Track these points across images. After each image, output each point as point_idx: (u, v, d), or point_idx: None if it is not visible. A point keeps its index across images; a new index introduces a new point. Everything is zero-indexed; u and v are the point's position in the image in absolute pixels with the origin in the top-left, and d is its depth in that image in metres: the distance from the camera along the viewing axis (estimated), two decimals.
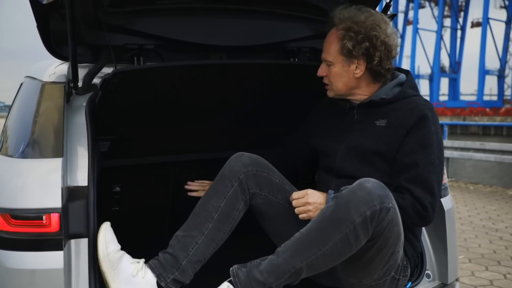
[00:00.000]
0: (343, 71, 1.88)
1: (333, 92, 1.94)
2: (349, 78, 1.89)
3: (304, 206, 1.81)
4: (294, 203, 1.84)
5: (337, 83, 1.91)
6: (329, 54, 1.89)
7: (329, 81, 1.93)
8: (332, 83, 1.92)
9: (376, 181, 1.61)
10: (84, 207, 1.66)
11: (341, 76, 1.89)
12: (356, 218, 1.54)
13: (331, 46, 1.88)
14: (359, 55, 1.83)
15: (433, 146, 1.79)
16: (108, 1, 1.92)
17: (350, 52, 1.83)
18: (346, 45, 1.83)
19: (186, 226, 1.85)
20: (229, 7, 2.14)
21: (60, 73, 1.96)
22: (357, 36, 1.81)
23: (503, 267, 4.24)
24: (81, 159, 1.74)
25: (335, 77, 1.90)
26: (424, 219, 1.76)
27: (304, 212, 1.81)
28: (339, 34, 1.85)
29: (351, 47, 1.82)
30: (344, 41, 1.83)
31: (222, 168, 1.93)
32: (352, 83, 1.90)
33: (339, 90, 1.92)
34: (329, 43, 1.89)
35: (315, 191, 1.84)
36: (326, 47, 1.90)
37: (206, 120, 2.28)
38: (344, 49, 1.84)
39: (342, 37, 1.84)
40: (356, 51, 1.82)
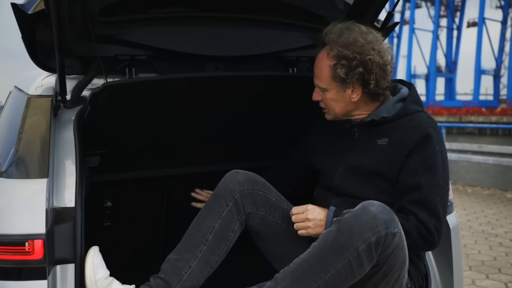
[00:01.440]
0: (338, 96, 1.78)
1: (331, 115, 1.86)
2: (346, 103, 1.79)
3: (303, 222, 1.73)
4: (293, 218, 1.76)
5: (334, 108, 1.82)
6: (322, 80, 1.78)
7: (325, 105, 1.84)
8: (328, 108, 1.83)
9: (381, 204, 1.53)
10: (71, 230, 1.57)
11: (337, 101, 1.80)
12: (360, 244, 1.46)
13: (323, 72, 1.77)
14: (353, 81, 1.73)
15: (438, 167, 1.71)
16: (98, 11, 1.83)
17: (343, 80, 1.73)
18: (338, 73, 1.72)
19: (179, 249, 1.77)
20: (225, 16, 2.06)
21: (47, 85, 1.87)
22: (350, 63, 1.70)
23: (504, 275, 4.19)
24: (68, 178, 1.66)
25: (331, 103, 1.81)
26: (429, 244, 1.68)
27: (303, 228, 1.73)
28: (330, 61, 1.73)
29: (344, 75, 1.71)
30: (336, 69, 1.72)
31: (216, 186, 1.84)
32: (350, 107, 1.81)
33: (337, 114, 1.84)
34: (320, 69, 1.77)
35: (316, 207, 1.76)
36: (317, 72, 1.79)
37: (201, 132, 2.20)
38: (337, 77, 1.73)
39: (334, 65, 1.72)
40: (350, 78, 1.72)
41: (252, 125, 2.27)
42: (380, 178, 1.76)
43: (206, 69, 2.10)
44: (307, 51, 2.23)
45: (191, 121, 2.10)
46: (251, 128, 2.28)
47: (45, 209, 1.51)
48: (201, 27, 2.04)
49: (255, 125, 2.28)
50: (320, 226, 1.70)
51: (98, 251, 1.65)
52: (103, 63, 1.87)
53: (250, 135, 2.33)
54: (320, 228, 1.70)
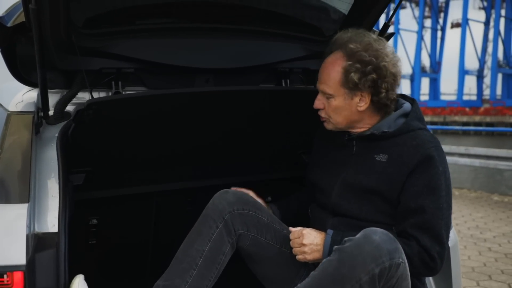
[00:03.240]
0: (345, 104, 1.70)
1: (332, 125, 1.77)
2: (351, 112, 1.72)
3: (300, 247, 1.66)
4: (291, 243, 1.69)
5: (337, 117, 1.73)
6: (330, 86, 1.70)
7: (327, 114, 1.75)
8: (331, 117, 1.74)
9: (385, 232, 1.46)
10: (54, 258, 1.48)
11: (342, 110, 1.71)
12: (363, 276, 1.40)
13: (332, 77, 1.69)
14: (364, 88, 1.66)
15: (441, 189, 1.63)
16: (82, 22, 1.74)
17: (355, 85, 1.66)
18: (351, 78, 1.64)
19: (168, 274, 1.69)
20: (215, 27, 1.98)
21: (29, 100, 1.78)
22: (364, 68, 1.64)
23: (494, 281, 4.17)
24: (51, 201, 1.57)
25: (335, 111, 1.72)
26: (431, 270, 1.62)
27: (300, 253, 1.66)
28: (344, 64, 1.66)
29: (357, 80, 1.64)
30: (350, 73, 1.65)
31: (205, 207, 1.77)
32: (354, 117, 1.73)
33: (339, 124, 1.75)
34: (329, 73, 1.70)
35: (312, 231, 1.68)
36: (325, 77, 1.71)
37: (190, 148, 2.12)
38: (349, 82, 1.66)
39: (348, 69, 1.65)
40: (362, 84, 1.65)
41: (242, 140, 2.20)
42: (378, 197, 1.68)
43: (196, 82, 2.02)
44: (300, 62, 2.16)
45: (179, 136, 2.03)
46: (241, 143, 2.22)
47: (26, 236, 1.42)
48: (191, 38, 1.96)
49: (245, 139, 2.21)
50: (317, 251, 1.63)
51: (83, 280, 1.55)
52: (88, 76, 1.78)
53: (240, 150, 2.26)
54: (317, 253, 1.63)
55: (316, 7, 2.18)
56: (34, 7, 1.41)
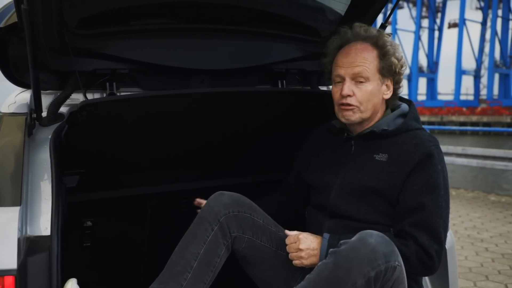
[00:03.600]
0: (377, 91, 1.72)
1: (358, 114, 1.72)
2: (379, 99, 1.74)
3: (296, 252, 1.64)
4: (287, 248, 1.67)
5: (368, 104, 1.71)
6: (368, 69, 1.69)
7: (358, 101, 1.70)
8: (362, 104, 1.70)
9: (380, 234, 1.45)
10: (47, 261, 1.46)
11: (374, 96, 1.71)
12: (359, 279, 1.38)
13: (369, 61, 1.70)
14: (392, 74, 1.73)
15: (440, 188, 1.63)
16: (76, 23, 1.72)
17: (389, 70, 1.72)
18: (388, 62, 1.71)
19: (162, 277, 1.67)
20: (211, 28, 1.96)
21: (21, 102, 1.77)
22: (392, 55, 1.72)
23: (491, 282, 4.17)
24: (44, 203, 1.55)
25: (368, 97, 1.70)
26: (428, 269, 1.61)
27: (297, 259, 1.65)
28: (377, 51, 1.71)
29: (391, 64, 1.71)
30: (386, 57, 1.71)
31: (200, 209, 1.75)
32: (379, 106, 1.75)
33: (366, 112, 1.72)
34: (365, 57, 1.70)
35: (308, 235, 1.67)
36: (361, 60, 1.69)
37: (185, 149, 2.10)
38: (385, 67, 1.71)
39: (384, 54, 1.71)
40: (393, 69, 1.72)
41: (237, 141, 2.19)
42: (379, 197, 1.67)
43: (191, 83, 2.00)
44: (296, 63, 2.15)
45: (173, 138, 2.01)
46: (236, 145, 2.20)
47: (17, 239, 1.40)
48: (186, 39, 1.94)
49: (240, 141, 2.19)
50: (314, 256, 1.61)
51: (76, 284, 1.53)
52: (82, 77, 1.76)
53: (235, 152, 2.24)
54: (314, 257, 1.61)
55: (313, 7, 2.16)
56: (26, 7, 1.39)
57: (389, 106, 1.79)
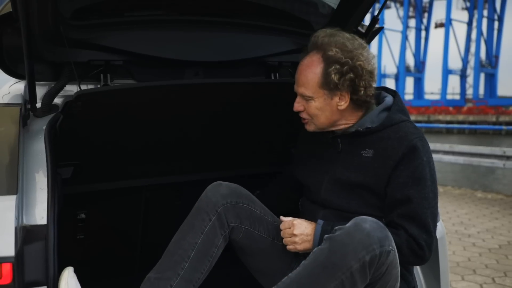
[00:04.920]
0: (325, 105, 1.69)
1: (314, 126, 1.75)
2: (332, 111, 1.70)
3: (290, 237, 1.66)
4: (281, 234, 1.69)
5: (319, 118, 1.71)
6: (308, 88, 1.67)
7: (309, 115, 1.73)
8: (313, 118, 1.72)
9: (375, 220, 1.47)
10: (43, 250, 1.46)
11: (323, 110, 1.70)
12: (354, 264, 1.40)
13: (311, 79, 1.67)
14: (343, 88, 1.65)
15: (426, 179, 1.64)
16: (70, 14, 1.72)
17: (335, 86, 1.64)
18: (332, 79, 1.63)
19: (160, 267, 1.68)
20: (205, 20, 1.97)
21: (16, 92, 1.76)
22: (342, 68, 1.63)
23: (479, 276, 4.23)
24: (39, 193, 1.55)
25: (316, 112, 1.70)
26: (420, 258, 1.63)
27: (291, 243, 1.66)
28: (322, 66, 1.65)
29: (337, 80, 1.63)
30: (330, 75, 1.63)
31: (198, 200, 1.75)
32: (336, 116, 1.72)
33: (321, 124, 1.74)
34: (307, 76, 1.67)
35: (302, 221, 1.69)
36: (303, 80, 1.68)
37: (180, 141, 2.11)
38: (330, 83, 1.64)
39: (326, 70, 1.64)
40: (341, 84, 1.64)
41: (231, 134, 2.20)
42: (367, 191, 1.69)
43: (186, 75, 2.01)
44: (289, 56, 2.16)
45: (168, 129, 2.01)
46: (230, 137, 2.21)
47: (14, 228, 1.40)
48: (180, 31, 1.95)
49: (234, 133, 2.20)
50: (308, 241, 1.63)
51: (73, 272, 1.54)
52: (76, 68, 1.76)
53: (229, 144, 2.25)
54: (308, 243, 1.63)
55: (305, 1, 2.18)
56: None
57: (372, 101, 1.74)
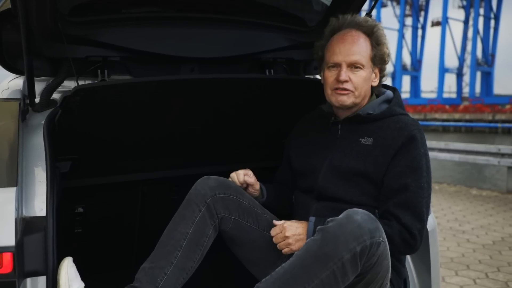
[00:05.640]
0: (368, 77, 1.81)
1: (353, 98, 1.79)
2: (368, 85, 1.82)
3: (283, 240, 1.69)
4: (274, 240, 1.72)
5: (362, 90, 1.79)
6: (364, 57, 1.77)
7: (354, 86, 1.77)
8: (357, 89, 1.77)
9: (366, 212, 1.51)
10: (42, 241, 1.50)
11: (366, 82, 1.80)
12: (345, 254, 1.44)
13: (365, 49, 1.78)
14: (381, 63, 1.82)
15: (423, 169, 1.70)
16: (68, 10, 1.75)
17: (380, 59, 1.81)
18: (380, 52, 1.79)
19: (153, 257, 1.72)
20: (201, 17, 2.01)
21: (15, 88, 1.80)
22: (382, 45, 1.80)
23: (472, 271, 4.28)
24: (38, 186, 1.58)
25: (362, 83, 1.78)
26: (411, 247, 1.68)
27: (285, 246, 1.69)
28: (370, 40, 1.79)
29: (382, 54, 1.80)
30: (379, 47, 1.79)
31: (188, 193, 1.80)
32: (368, 92, 1.84)
33: (359, 98, 1.80)
34: (360, 45, 1.78)
35: (292, 223, 1.72)
36: (357, 49, 1.77)
37: (176, 136, 2.14)
38: (376, 56, 1.79)
39: (377, 43, 1.79)
40: (383, 58, 1.81)
41: (227, 129, 2.23)
42: (365, 179, 1.74)
43: (182, 71, 2.04)
44: (284, 52, 2.20)
45: (165, 124, 2.05)
46: (226, 132, 2.24)
47: (15, 219, 1.44)
48: (176, 28, 1.98)
49: (230, 128, 2.23)
50: (301, 240, 1.66)
51: (72, 262, 1.58)
52: (74, 64, 1.79)
53: (225, 139, 2.28)
54: (302, 242, 1.65)
55: None
56: None
57: (374, 92, 1.87)
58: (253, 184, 1.90)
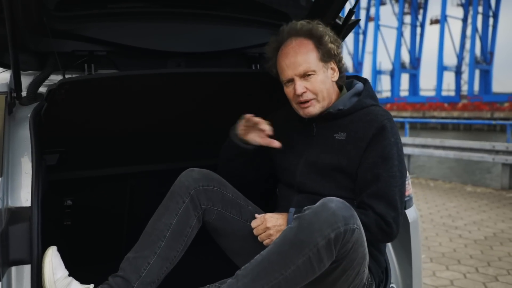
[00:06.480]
0: (325, 77, 1.82)
1: (319, 104, 1.82)
2: (330, 84, 1.84)
3: (264, 232, 1.73)
4: (255, 232, 1.76)
5: (323, 92, 1.81)
6: (311, 63, 1.79)
7: (313, 93, 1.81)
8: (317, 94, 1.81)
9: (341, 200, 1.55)
10: (27, 230, 1.53)
11: (325, 83, 1.82)
12: (320, 241, 1.47)
13: (310, 55, 1.79)
14: (332, 57, 1.83)
15: (394, 158, 1.74)
16: (54, 5, 1.78)
17: (329, 55, 1.81)
18: (324, 49, 1.80)
19: (137, 247, 1.76)
20: (187, 12, 2.03)
21: (2, 81, 1.82)
22: (327, 41, 1.80)
23: (463, 266, 4.32)
24: (24, 177, 1.61)
25: (320, 87, 1.80)
26: (388, 235, 1.72)
27: (267, 237, 1.73)
28: (312, 42, 1.80)
29: (329, 49, 1.80)
30: (322, 46, 1.80)
31: (172, 185, 1.84)
32: (331, 90, 1.85)
33: (325, 100, 1.82)
34: (305, 53, 1.79)
35: (273, 214, 1.76)
36: (302, 58, 1.78)
37: (164, 129, 2.17)
38: (324, 54, 1.80)
39: (318, 44, 1.80)
40: (332, 52, 1.82)
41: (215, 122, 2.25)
42: (341, 173, 1.78)
43: (168, 66, 2.07)
44: None
45: (151, 117, 2.07)
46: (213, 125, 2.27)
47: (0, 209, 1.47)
48: (162, 22, 2.01)
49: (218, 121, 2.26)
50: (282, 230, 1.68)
51: (57, 251, 1.61)
52: (61, 59, 1.82)
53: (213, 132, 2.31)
54: None
55: None
56: None
57: (343, 86, 1.90)
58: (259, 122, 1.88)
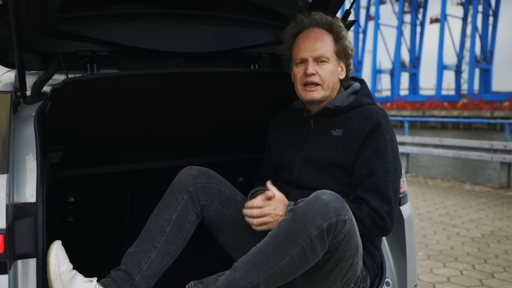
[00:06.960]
0: (335, 70, 1.90)
1: (323, 92, 1.89)
2: (336, 79, 1.92)
3: (264, 217, 1.76)
4: (247, 212, 1.78)
5: (329, 82, 1.89)
6: (327, 51, 1.88)
7: (321, 79, 1.88)
8: (324, 82, 1.88)
9: (333, 193, 1.60)
10: (33, 225, 1.58)
11: (333, 75, 1.90)
12: (313, 231, 1.53)
13: (328, 44, 1.88)
14: (345, 57, 1.91)
15: (388, 154, 1.80)
16: (58, 7, 1.82)
17: (343, 53, 1.90)
18: (342, 45, 1.89)
19: (138, 242, 1.82)
20: (187, 13, 2.08)
21: (7, 81, 1.86)
22: (345, 39, 1.90)
23: (460, 263, 4.36)
24: (29, 174, 1.66)
25: (329, 76, 1.88)
26: (382, 229, 1.77)
27: (259, 224, 1.77)
28: (332, 36, 1.89)
29: (345, 48, 1.90)
30: (340, 41, 1.89)
31: (172, 182, 1.90)
32: (336, 85, 1.93)
33: (327, 91, 1.90)
34: (324, 40, 1.88)
35: (276, 200, 1.78)
36: (321, 44, 1.87)
37: (164, 128, 2.22)
38: (340, 50, 1.89)
39: (339, 38, 1.89)
40: (347, 52, 1.91)
41: (214, 121, 2.31)
42: (337, 169, 1.84)
43: (168, 65, 2.12)
44: (268, 47, 2.28)
45: (153, 116, 2.12)
46: (213, 124, 2.32)
47: (6, 204, 1.52)
48: (163, 23, 2.06)
49: (217, 120, 2.31)
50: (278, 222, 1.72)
51: (61, 245, 1.66)
52: (64, 59, 1.87)
53: (212, 131, 2.36)
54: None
55: None
56: None
57: (342, 86, 1.97)
58: None
